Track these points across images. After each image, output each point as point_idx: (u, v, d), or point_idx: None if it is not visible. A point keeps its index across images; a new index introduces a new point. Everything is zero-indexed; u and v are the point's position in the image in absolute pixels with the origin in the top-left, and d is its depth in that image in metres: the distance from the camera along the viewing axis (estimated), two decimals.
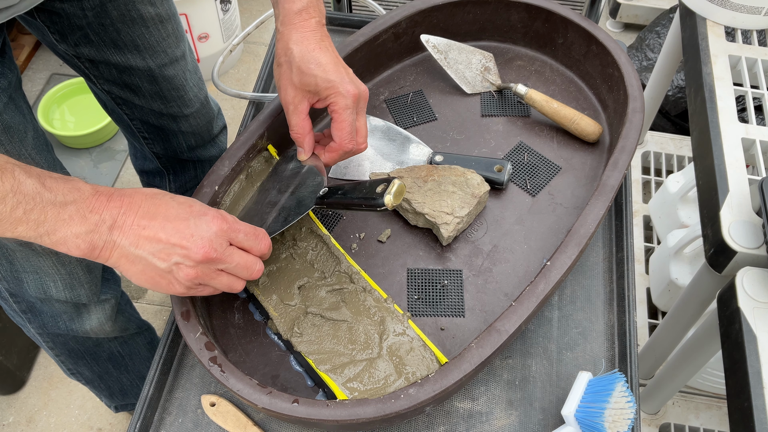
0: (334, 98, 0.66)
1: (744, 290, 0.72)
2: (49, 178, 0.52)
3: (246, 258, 0.59)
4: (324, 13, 0.69)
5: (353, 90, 0.66)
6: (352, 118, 0.67)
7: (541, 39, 0.91)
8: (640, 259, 1.45)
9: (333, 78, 0.65)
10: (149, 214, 0.55)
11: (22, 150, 0.76)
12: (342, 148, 0.68)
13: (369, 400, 0.57)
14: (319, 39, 0.67)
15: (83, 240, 0.52)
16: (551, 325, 0.72)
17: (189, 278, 0.56)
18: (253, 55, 2.17)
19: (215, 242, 0.55)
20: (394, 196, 0.60)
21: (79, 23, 0.85)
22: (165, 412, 0.67)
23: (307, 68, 0.65)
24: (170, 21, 0.92)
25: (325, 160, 0.70)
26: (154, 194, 0.57)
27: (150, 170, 1.18)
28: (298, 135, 0.70)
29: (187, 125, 1.05)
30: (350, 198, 0.63)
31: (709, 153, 0.85)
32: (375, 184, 0.62)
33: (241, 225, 0.59)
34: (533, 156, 0.83)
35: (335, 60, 0.67)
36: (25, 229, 0.51)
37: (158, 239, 0.54)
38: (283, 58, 0.68)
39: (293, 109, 0.69)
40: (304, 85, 0.67)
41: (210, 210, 0.57)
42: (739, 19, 1.01)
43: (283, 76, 0.68)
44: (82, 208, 0.52)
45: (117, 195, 0.55)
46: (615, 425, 0.60)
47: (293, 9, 0.67)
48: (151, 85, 0.95)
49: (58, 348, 1.06)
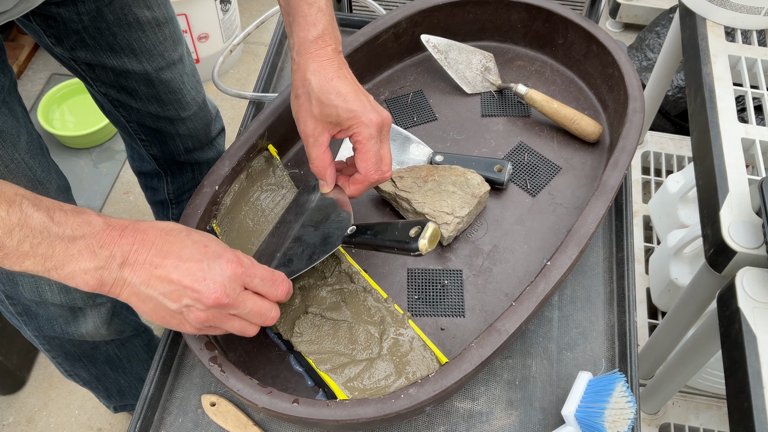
0: (357, 128, 0.64)
1: (744, 290, 0.72)
2: (59, 210, 0.51)
3: (260, 304, 0.56)
4: (340, 39, 0.67)
5: (376, 118, 0.64)
6: (377, 148, 0.64)
7: (542, 39, 0.91)
8: (640, 259, 1.45)
9: (354, 107, 0.63)
10: (162, 252, 0.53)
11: (15, 154, 0.75)
12: (368, 180, 0.65)
13: (369, 400, 0.57)
14: (337, 67, 0.65)
15: (92, 276, 0.51)
16: (551, 325, 0.72)
17: (199, 321, 0.54)
18: (253, 55, 2.17)
19: (228, 287, 0.53)
20: (429, 241, 0.56)
21: (75, 27, 0.85)
22: (165, 412, 0.67)
23: (326, 98, 0.63)
24: (167, 25, 0.92)
25: (350, 192, 0.67)
26: (169, 230, 0.55)
27: (147, 172, 1.18)
28: (319, 168, 0.67)
29: (184, 128, 1.05)
30: (381, 240, 0.59)
31: (708, 153, 0.85)
32: (407, 226, 0.58)
33: (257, 269, 0.56)
34: (533, 156, 0.83)
35: (355, 88, 0.64)
36: (32, 263, 0.50)
37: (170, 280, 0.52)
38: (300, 89, 0.65)
39: (313, 142, 0.66)
40: (325, 116, 0.64)
41: (226, 251, 0.55)
42: (738, 19, 1.01)
43: (301, 107, 0.66)
44: (91, 243, 0.51)
45: (130, 230, 0.53)
46: (615, 425, 0.60)
47: (308, 38, 0.65)
48: (147, 89, 0.95)
49: (55, 350, 1.06)
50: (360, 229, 0.62)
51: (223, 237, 0.71)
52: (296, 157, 0.84)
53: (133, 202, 1.81)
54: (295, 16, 0.66)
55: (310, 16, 0.65)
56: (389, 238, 0.58)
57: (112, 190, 1.84)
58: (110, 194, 1.83)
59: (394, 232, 0.58)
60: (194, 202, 0.70)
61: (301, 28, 0.65)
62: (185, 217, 0.69)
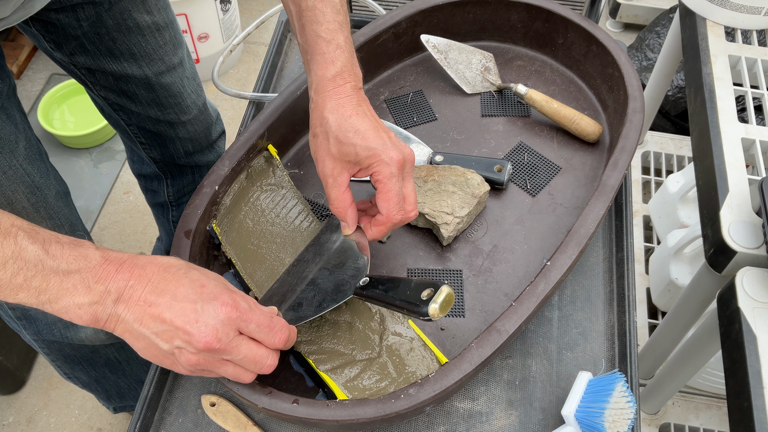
0: (377, 167, 0.61)
1: (744, 290, 0.72)
2: (55, 243, 0.50)
3: (255, 351, 0.53)
4: (360, 76, 0.65)
5: (397, 156, 0.61)
6: (399, 187, 0.61)
7: (541, 39, 0.91)
8: (640, 259, 1.45)
9: (374, 145, 0.60)
10: (157, 290, 0.51)
11: (13, 161, 0.75)
12: (390, 220, 0.62)
13: (369, 400, 0.57)
14: (356, 104, 0.62)
15: (85, 311, 0.50)
16: (551, 325, 0.72)
17: (190, 364, 0.52)
18: (253, 55, 2.17)
19: (221, 331, 0.51)
20: (440, 307, 0.52)
21: (74, 33, 0.84)
22: (165, 412, 0.67)
23: (345, 137, 0.61)
24: (167, 29, 0.92)
25: (372, 235, 0.64)
26: (167, 267, 0.53)
27: (147, 174, 1.18)
28: (340, 209, 0.64)
29: (184, 131, 1.04)
30: (391, 297, 0.56)
31: (709, 153, 0.85)
32: (420, 286, 0.54)
33: (254, 314, 0.54)
34: (533, 156, 0.83)
35: (375, 125, 0.62)
36: (26, 296, 0.49)
37: (162, 319, 0.50)
38: (318, 128, 0.63)
39: (332, 182, 0.63)
40: (344, 156, 0.62)
41: (222, 293, 0.53)
42: (738, 19, 1.01)
43: (320, 147, 0.63)
44: (87, 277, 0.50)
45: (128, 265, 0.52)
46: (615, 425, 0.60)
47: (326, 75, 0.62)
48: (147, 93, 0.95)
49: (54, 354, 1.06)
50: (372, 282, 0.60)
51: (223, 237, 0.71)
52: (296, 157, 0.84)
53: (133, 202, 1.81)
54: (313, 54, 0.63)
55: (329, 53, 0.63)
56: (400, 298, 0.55)
57: (112, 190, 1.84)
58: (110, 194, 1.83)
59: (406, 291, 0.55)
60: (194, 202, 0.70)
61: (319, 66, 0.63)
62: (185, 217, 0.69)
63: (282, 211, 0.74)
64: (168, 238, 1.35)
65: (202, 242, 0.71)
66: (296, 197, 0.75)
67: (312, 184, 0.82)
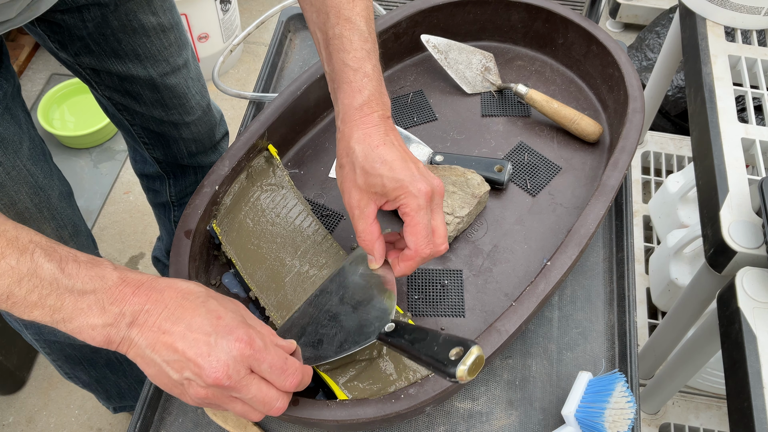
0: (404, 199, 0.58)
1: (744, 290, 0.72)
2: (72, 262, 0.49)
3: (265, 392, 0.51)
4: (388, 104, 0.62)
5: (425, 188, 0.58)
6: (427, 220, 0.59)
7: (542, 39, 0.91)
8: (640, 259, 1.45)
9: (401, 176, 0.58)
10: (173, 318, 0.50)
11: (17, 161, 0.75)
12: (418, 255, 0.59)
13: (369, 400, 0.57)
14: (384, 134, 0.60)
15: (99, 333, 0.49)
16: (551, 325, 0.72)
17: (199, 397, 0.51)
18: (253, 55, 2.17)
19: (232, 368, 0.49)
20: (469, 370, 0.48)
21: (80, 33, 0.84)
22: (165, 412, 0.67)
23: (371, 168, 0.59)
24: (172, 30, 0.92)
25: (399, 271, 0.61)
26: (186, 294, 0.52)
27: (150, 174, 1.18)
28: (367, 242, 0.62)
29: (188, 132, 1.04)
30: (417, 350, 0.53)
31: (709, 153, 0.85)
32: (449, 343, 0.50)
33: (268, 354, 0.51)
34: (533, 156, 0.83)
35: (402, 156, 0.59)
36: (40, 313, 0.48)
37: (175, 348, 0.49)
38: (345, 159, 0.61)
39: (359, 214, 0.61)
40: (370, 187, 0.59)
41: (238, 328, 0.51)
42: (738, 19, 1.01)
43: (346, 178, 0.61)
44: (102, 298, 0.49)
45: (146, 288, 0.51)
46: (615, 425, 0.60)
47: (353, 105, 0.61)
48: (152, 93, 0.95)
49: (55, 354, 1.06)
50: (398, 329, 0.56)
51: (223, 237, 0.71)
52: (296, 157, 0.84)
53: (133, 202, 1.81)
54: (340, 83, 0.62)
55: (355, 82, 0.61)
56: (426, 353, 0.51)
57: (112, 190, 1.84)
58: (110, 194, 1.83)
59: (433, 346, 0.51)
60: (194, 202, 0.70)
61: (346, 95, 0.61)
62: (185, 217, 0.69)
63: (282, 211, 0.74)
64: (169, 238, 1.35)
65: (202, 242, 0.71)
66: (296, 197, 0.75)
67: (312, 184, 0.82)
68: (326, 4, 0.62)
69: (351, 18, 0.61)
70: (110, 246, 1.73)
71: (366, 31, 0.62)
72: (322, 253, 0.71)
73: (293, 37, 1.02)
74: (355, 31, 0.61)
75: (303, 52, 1.00)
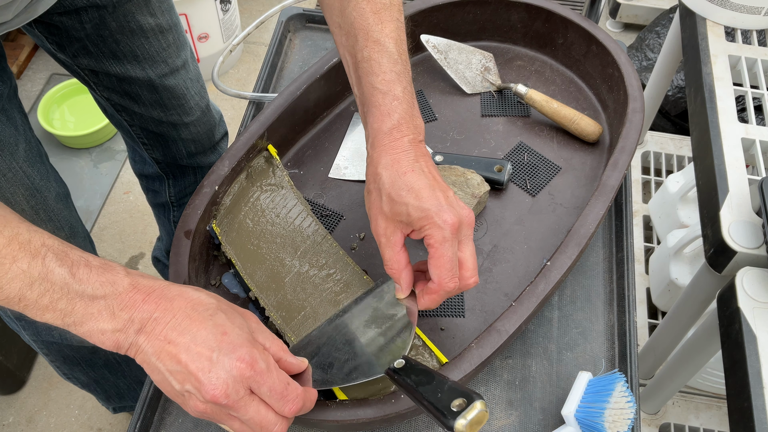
0: (429, 230, 0.56)
1: (744, 290, 0.72)
2: (84, 266, 0.49)
3: (263, 416, 0.50)
4: (421, 128, 0.60)
5: (451, 219, 0.56)
6: (452, 252, 0.56)
7: (541, 39, 0.91)
8: (640, 259, 1.45)
9: (427, 206, 0.56)
10: (179, 328, 0.50)
11: (12, 163, 0.75)
12: (442, 289, 0.57)
13: (369, 401, 0.57)
14: (413, 160, 0.58)
15: (108, 337, 0.49)
16: (551, 325, 0.72)
17: (198, 411, 0.51)
18: (253, 55, 2.17)
19: (231, 387, 0.49)
20: (469, 425, 0.46)
21: (78, 35, 0.84)
22: (165, 412, 0.67)
23: (397, 195, 0.57)
24: (171, 31, 0.92)
25: (424, 304, 0.59)
26: (195, 305, 0.51)
27: (149, 174, 1.18)
28: (394, 271, 0.60)
29: (187, 133, 1.04)
30: (420, 394, 0.52)
31: (709, 153, 0.85)
32: (453, 392, 0.49)
33: (268, 377, 0.50)
34: (533, 156, 0.83)
35: (430, 183, 0.57)
36: (52, 316, 0.49)
37: (178, 360, 0.49)
38: (372, 185, 0.60)
39: (386, 242, 0.59)
40: (396, 215, 0.58)
41: (242, 347, 0.50)
42: (739, 19, 1.01)
43: (373, 205, 0.60)
44: (112, 304, 0.49)
45: (156, 295, 0.50)
46: (615, 425, 0.60)
47: (383, 129, 0.59)
48: (151, 94, 0.94)
49: (53, 354, 1.06)
50: (406, 367, 0.55)
51: (223, 237, 0.71)
52: (296, 157, 0.84)
53: (133, 202, 1.81)
54: (369, 107, 0.60)
55: (385, 105, 0.59)
56: (429, 398, 0.50)
57: (112, 190, 1.84)
58: (110, 194, 1.83)
59: (437, 393, 0.50)
60: (194, 202, 0.70)
61: (375, 119, 0.59)
62: (185, 217, 0.69)
63: (282, 211, 0.74)
64: (168, 239, 1.35)
65: (202, 242, 0.71)
66: (296, 197, 0.75)
67: (312, 184, 0.82)
68: (354, 27, 0.61)
69: (380, 40, 0.60)
70: (110, 246, 1.73)
71: (396, 53, 0.60)
72: (321, 253, 0.71)
73: (293, 37, 1.02)
74: (384, 53, 0.60)
75: (303, 52, 1.00)
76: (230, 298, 0.72)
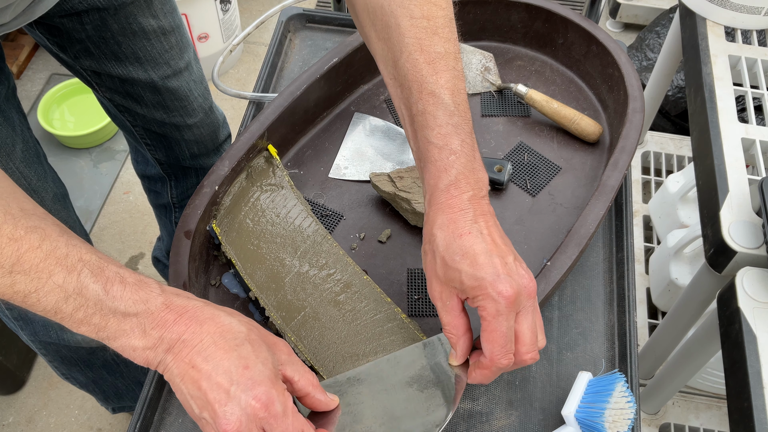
0: (482, 301, 0.52)
1: (744, 290, 0.72)
2: (118, 284, 0.49)
3: None
4: (483, 182, 0.56)
5: (508, 290, 0.51)
6: (506, 327, 0.52)
7: (541, 39, 0.91)
8: (640, 259, 1.45)
9: (482, 275, 0.51)
10: (204, 354, 0.49)
11: (9, 164, 0.75)
12: (494, 365, 0.53)
13: None
14: (471, 220, 0.54)
15: (139, 354, 0.50)
16: (551, 325, 0.72)
17: None
18: (253, 55, 2.17)
19: (244, 425, 0.48)
20: None
21: (79, 36, 0.84)
22: (165, 412, 0.67)
23: (451, 260, 0.53)
24: (173, 33, 0.91)
25: (475, 378, 0.55)
26: (224, 332, 0.50)
27: (151, 175, 1.18)
28: (453, 336, 0.56)
29: (190, 134, 1.04)
30: None
31: (709, 153, 0.85)
32: None
33: (283, 422, 0.49)
34: (533, 156, 0.83)
35: (488, 248, 0.53)
36: (87, 330, 0.49)
37: (199, 387, 0.49)
38: (427, 245, 0.56)
39: (442, 306, 0.55)
40: (449, 281, 0.54)
41: (261, 385, 0.49)
42: (739, 19, 1.01)
43: (428, 266, 0.56)
44: (144, 322, 0.49)
45: (188, 316, 0.50)
46: (615, 425, 0.60)
47: (439, 186, 0.55)
48: (153, 96, 0.94)
49: (51, 355, 1.06)
50: None
51: (223, 237, 0.71)
52: (296, 157, 0.84)
53: (133, 202, 1.81)
54: (425, 162, 0.57)
55: (441, 161, 0.55)
56: None
57: (112, 190, 1.84)
58: (110, 194, 1.83)
59: None
60: (194, 202, 0.70)
61: (431, 175, 0.56)
62: (185, 217, 0.69)
63: (282, 211, 0.74)
64: (169, 239, 1.35)
65: (202, 242, 0.71)
66: (296, 197, 0.75)
67: (312, 184, 0.82)
68: (408, 79, 0.57)
69: (435, 92, 0.56)
70: (110, 246, 1.73)
71: (452, 104, 0.57)
72: (322, 253, 0.71)
73: (293, 37, 1.02)
74: (440, 105, 0.56)
75: (303, 52, 1.00)
76: (230, 298, 0.72)
